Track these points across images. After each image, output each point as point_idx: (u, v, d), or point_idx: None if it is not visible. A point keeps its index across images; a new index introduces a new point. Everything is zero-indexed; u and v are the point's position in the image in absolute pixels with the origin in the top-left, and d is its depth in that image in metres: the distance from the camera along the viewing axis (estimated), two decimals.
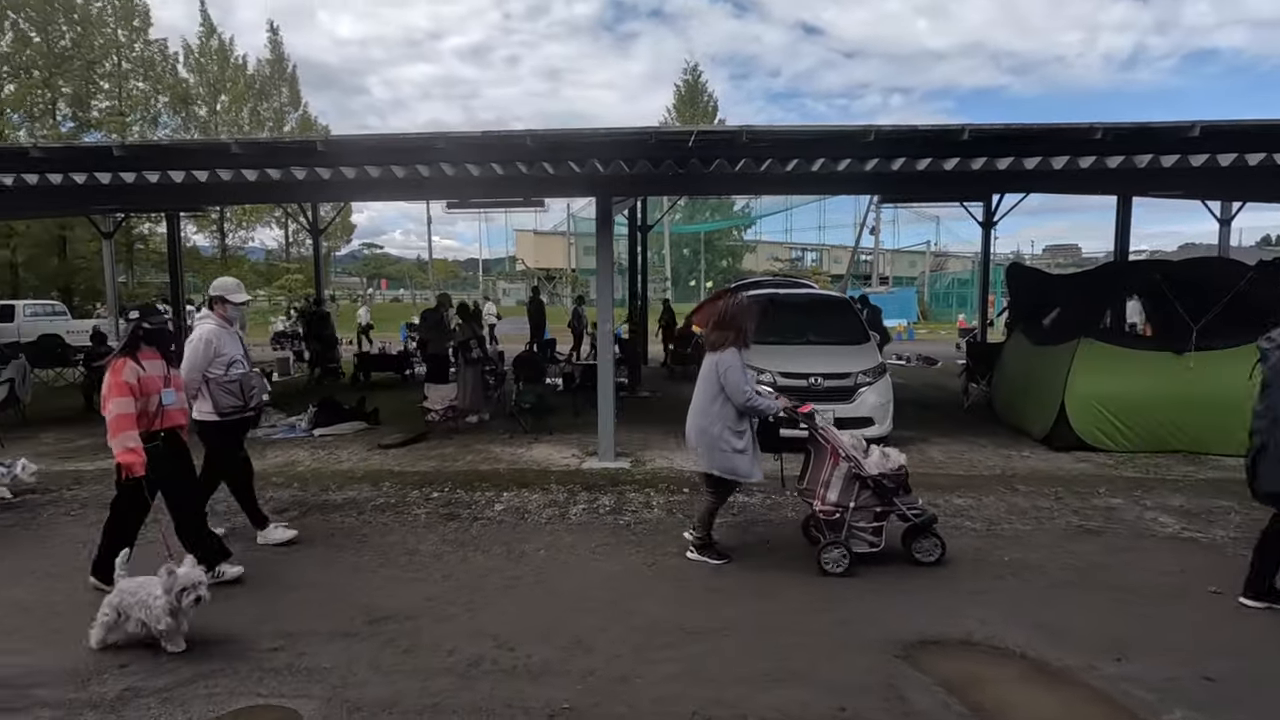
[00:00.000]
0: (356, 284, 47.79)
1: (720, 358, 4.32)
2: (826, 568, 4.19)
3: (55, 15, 26.99)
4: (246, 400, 4.66)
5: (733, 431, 4.31)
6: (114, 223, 15.35)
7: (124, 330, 3.95)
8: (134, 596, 3.35)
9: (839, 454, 4.26)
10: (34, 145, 6.21)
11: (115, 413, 3.72)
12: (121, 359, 3.85)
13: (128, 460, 3.70)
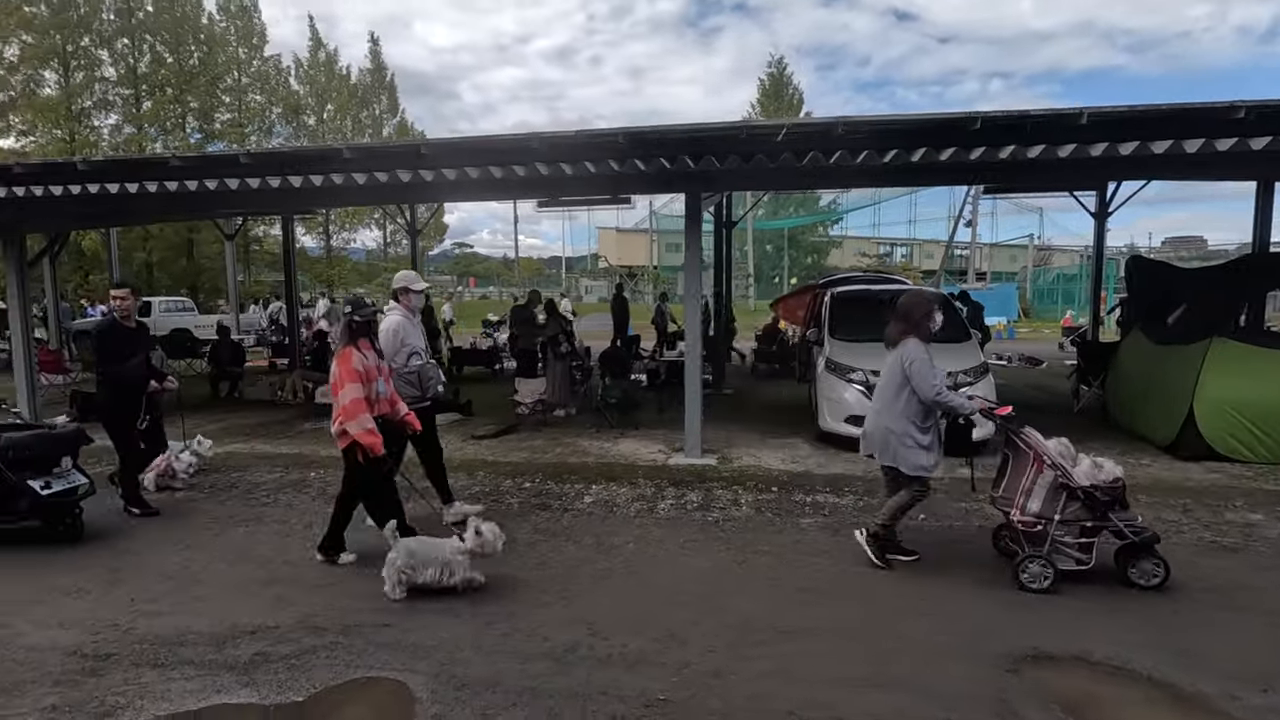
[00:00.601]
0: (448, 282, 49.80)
1: (904, 351, 4.17)
2: (1026, 583, 3.87)
3: (186, 37, 29.52)
4: (424, 391, 4.88)
5: (919, 427, 4.13)
6: (235, 226, 16.70)
7: (338, 324, 4.22)
8: (430, 556, 3.86)
9: (1043, 461, 3.90)
10: (173, 155, 6.82)
11: (351, 397, 4.03)
12: (347, 349, 4.14)
13: (370, 441, 4.03)
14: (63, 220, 9.24)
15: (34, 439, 4.94)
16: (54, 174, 6.84)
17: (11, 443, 4.77)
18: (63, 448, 4.99)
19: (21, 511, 4.75)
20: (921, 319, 4.24)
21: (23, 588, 4.16)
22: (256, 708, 2.94)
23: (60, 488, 4.83)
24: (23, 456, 4.77)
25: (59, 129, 26.66)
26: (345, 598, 3.97)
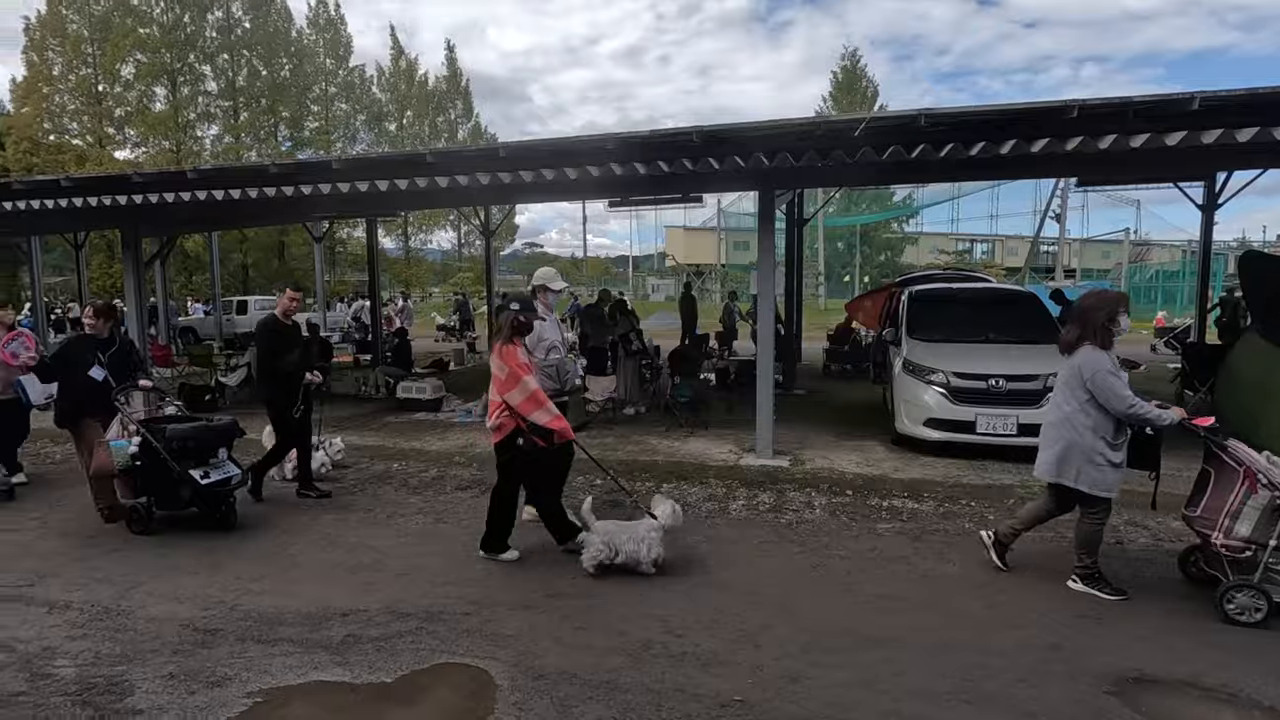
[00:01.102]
0: (518, 281, 50.90)
1: (1082, 361, 3.80)
2: (1232, 614, 3.51)
3: (279, 50, 31.31)
4: (563, 384, 5.03)
5: (1110, 444, 3.77)
6: (322, 229, 17.60)
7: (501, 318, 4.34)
8: (626, 535, 4.13)
9: (1256, 480, 3.47)
10: (271, 163, 7.26)
11: (530, 389, 4.14)
12: (511, 345, 4.23)
13: (561, 426, 4.21)
14: (173, 225, 9.98)
15: (196, 430, 5.15)
16: (167, 182, 7.40)
17: (176, 434, 5.00)
18: (220, 439, 5.25)
19: (184, 500, 5.00)
20: (1103, 323, 3.83)
21: (145, 564, 4.52)
22: (350, 686, 3.10)
23: (217, 477, 5.07)
24: (185, 447, 5.00)
25: (167, 140, 28.78)
26: (428, 585, 4.13)
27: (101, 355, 5.43)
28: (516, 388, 4.14)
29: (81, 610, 3.85)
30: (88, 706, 2.95)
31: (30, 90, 27.73)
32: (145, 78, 28.64)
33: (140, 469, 4.98)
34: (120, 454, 4.96)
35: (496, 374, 4.23)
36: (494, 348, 4.31)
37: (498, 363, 4.22)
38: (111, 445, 5.03)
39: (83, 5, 27.81)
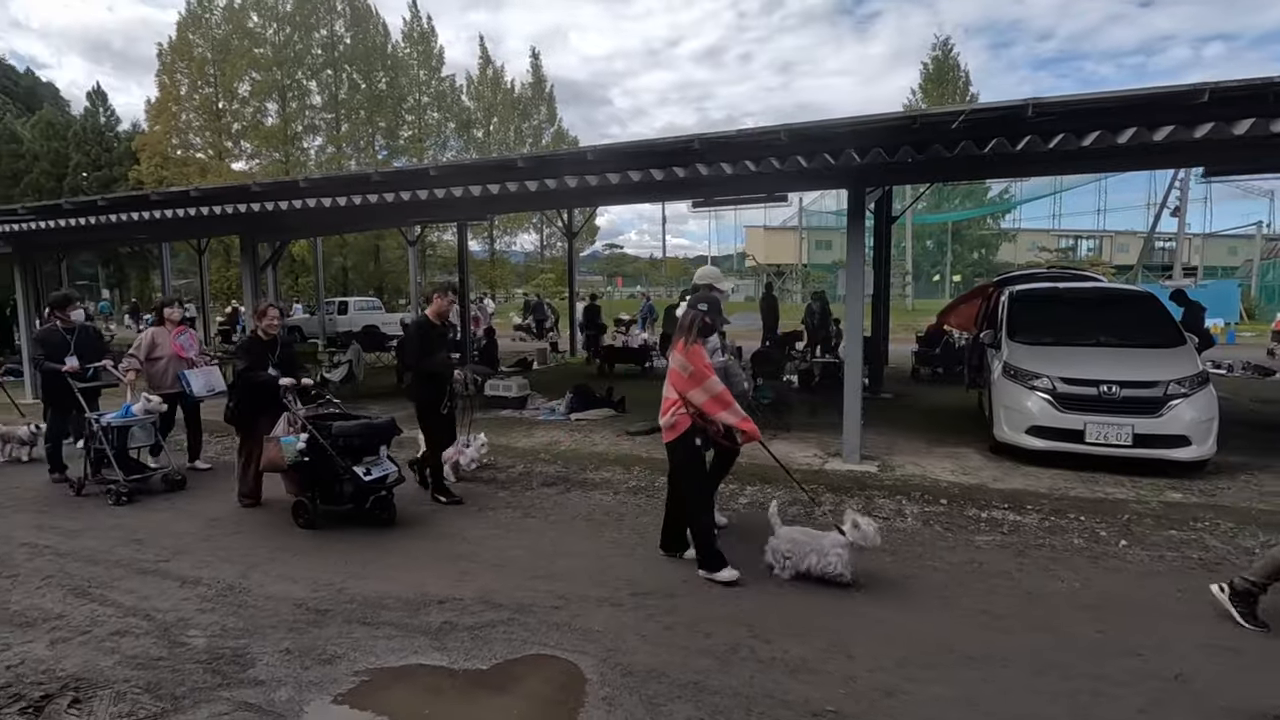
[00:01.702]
0: (598, 282, 51.64)
1: None
2: None
3: (376, 64, 33.03)
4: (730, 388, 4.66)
5: None
6: (415, 233, 18.44)
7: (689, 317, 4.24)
8: (809, 545, 4.05)
9: None
10: (374, 172, 7.67)
11: (716, 389, 4.05)
12: (698, 345, 4.13)
13: (749, 427, 4.12)
14: (284, 231, 10.73)
15: (360, 428, 5.21)
16: (282, 191, 7.96)
17: (342, 431, 5.10)
18: (382, 436, 5.31)
19: (346, 496, 5.08)
20: None
21: (261, 546, 4.87)
22: (448, 671, 3.23)
23: (378, 474, 5.12)
24: (351, 445, 5.08)
25: (277, 152, 30.91)
26: (518, 577, 4.25)
27: (272, 355, 5.66)
28: (700, 387, 4.05)
29: (209, 586, 4.19)
30: (216, 674, 3.21)
31: (162, 110, 30.46)
32: (259, 95, 30.92)
33: (307, 465, 5.09)
34: (290, 450, 5.06)
35: (678, 371, 4.13)
36: (677, 344, 4.18)
37: (681, 360, 4.11)
38: (282, 442, 5.12)
39: (206, 30, 30.30)
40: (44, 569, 4.50)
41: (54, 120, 37.40)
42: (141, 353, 6.61)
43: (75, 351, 6.32)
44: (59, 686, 3.11)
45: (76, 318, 6.62)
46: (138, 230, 10.24)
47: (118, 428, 6.06)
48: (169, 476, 6.31)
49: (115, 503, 5.83)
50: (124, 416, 6.13)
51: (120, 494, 5.88)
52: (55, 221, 9.53)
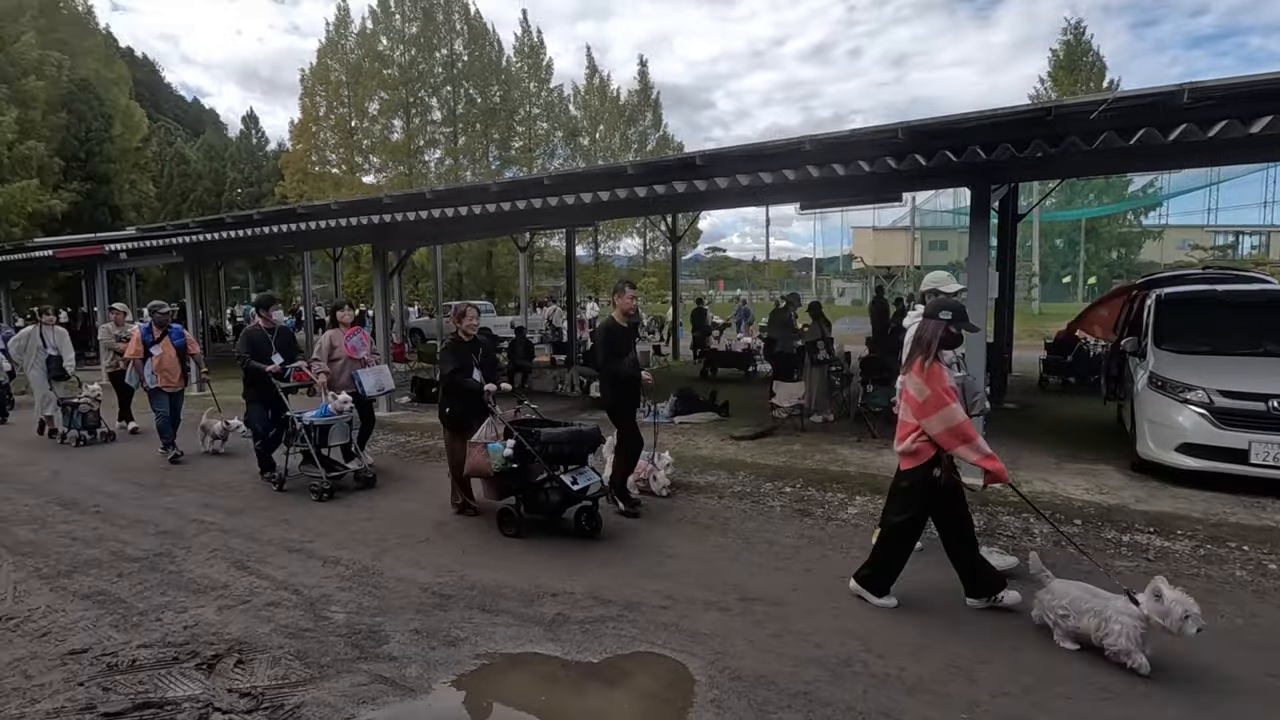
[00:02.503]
0: (700, 285, 51.59)
1: None
2: None
3: (491, 79, 34.68)
4: (969, 408, 4.32)
5: None
6: (525, 240, 19.19)
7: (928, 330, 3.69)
8: (1087, 604, 3.26)
9: None
10: (493, 182, 8.08)
11: (956, 419, 3.52)
12: (937, 363, 3.59)
13: (995, 466, 3.56)
14: (410, 239, 11.49)
15: (569, 436, 5.05)
16: (410, 202, 8.55)
17: (550, 439, 4.95)
18: (589, 444, 5.13)
19: (551, 505, 4.95)
20: None
21: (391, 532, 5.25)
22: (560, 661, 3.36)
23: (584, 483, 4.93)
24: (561, 452, 4.96)
25: (402, 165, 33.09)
26: (626, 575, 4.34)
27: (475, 357, 5.52)
28: (937, 415, 3.51)
29: (346, 567, 4.58)
30: (355, 648, 3.50)
31: (303, 130, 33.42)
32: (386, 112, 33.27)
33: (513, 472, 4.96)
34: (497, 456, 4.93)
35: (913, 395, 3.62)
36: (914, 365, 3.64)
37: (917, 383, 3.58)
38: (489, 448, 4.99)
39: (342, 55, 32.96)
40: (210, 543, 5.08)
41: (214, 143, 41.94)
42: (324, 355, 6.82)
43: (276, 351, 6.61)
44: (226, 648, 3.50)
45: (277, 318, 6.92)
46: (285, 240, 11.32)
47: (320, 426, 6.23)
48: (361, 474, 6.46)
49: (318, 499, 6.03)
50: (323, 416, 6.30)
51: (323, 491, 6.06)
52: (218, 234, 10.71)
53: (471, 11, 35.23)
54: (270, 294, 7.10)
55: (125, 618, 3.86)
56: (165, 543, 5.08)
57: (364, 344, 7.06)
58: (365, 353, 6.96)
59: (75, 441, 8.60)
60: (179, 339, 7.91)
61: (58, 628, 3.76)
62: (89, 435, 8.67)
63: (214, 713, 2.95)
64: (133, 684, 3.19)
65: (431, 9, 33.89)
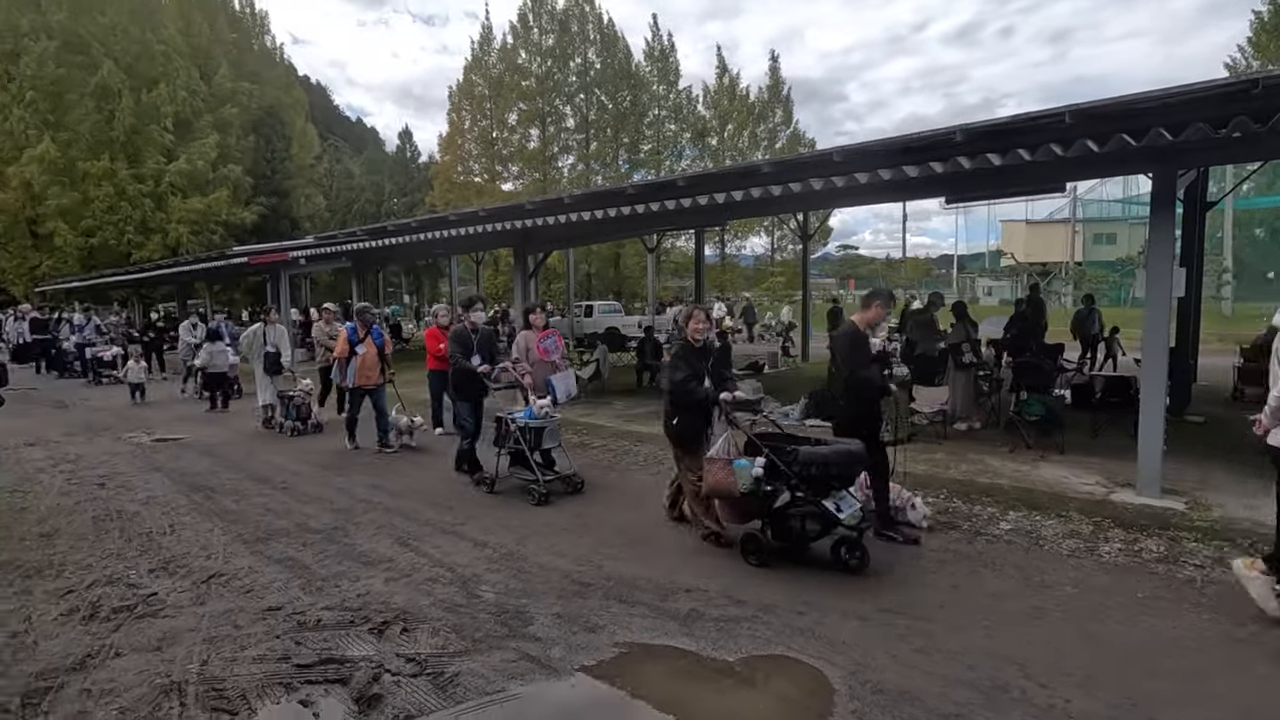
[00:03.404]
0: (830, 285, 49.91)
1: None
2: None
3: (622, 85, 35.49)
4: None
5: None
6: (654, 241, 19.50)
7: None
8: None
9: None
10: (628, 185, 8.29)
11: None
12: None
13: None
14: (547, 243, 12.04)
15: (839, 456, 4.32)
16: (550, 208, 8.97)
17: (813, 459, 4.23)
18: (860, 466, 4.48)
19: (808, 535, 4.34)
20: None
21: (534, 521, 5.55)
22: (696, 656, 3.40)
23: (849, 510, 4.22)
24: (826, 475, 4.25)
25: (537, 172, 34.68)
26: (761, 576, 4.31)
27: (705, 364, 4.92)
28: None
29: (494, 550, 4.89)
30: (504, 626, 3.74)
31: (450, 143, 35.92)
32: (524, 122, 35.01)
33: (764, 495, 4.37)
34: (745, 476, 4.36)
35: None
36: None
37: None
38: (736, 465, 4.43)
39: (485, 71, 35.07)
40: (377, 520, 5.61)
41: (374, 157, 46.20)
42: (524, 356, 6.75)
43: (476, 351, 6.58)
44: (393, 616, 3.86)
45: (477, 319, 6.80)
46: (437, 246, 12.24)
47: (534, 429, 6.06)
48: (571, 479, 6.25)
49: (536, 503, 5.85)
50: (530, 418, 6.18)
51: (540, 494, 5.87)
52: (382, 241, 11.79)
53: (604, 20, 36.24)
54: (473, 294, 6.97)
55: (310, 582, 4.36)
56: (340, 518, 5.68)
57: (557, 347, 6.94)
58: (557, 356, 6.86)
59: (290, 431, 9.25)
60: (379, 339, 8.29)
61: (258, 586, 4.32)
62: (301, 426, 9.29)
63: (384, 673, 3.27)
64: (318, 641, 3.60)
65: (567, 20, 35.24)
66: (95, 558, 4.84)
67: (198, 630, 3.73)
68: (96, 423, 10.60)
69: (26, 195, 29.30)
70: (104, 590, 4.27)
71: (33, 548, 5.06)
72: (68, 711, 3.01)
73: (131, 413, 11.50)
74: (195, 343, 12.85)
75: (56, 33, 29.65)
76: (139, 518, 5.76)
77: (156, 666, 3.35)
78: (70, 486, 6.82)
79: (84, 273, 28.80)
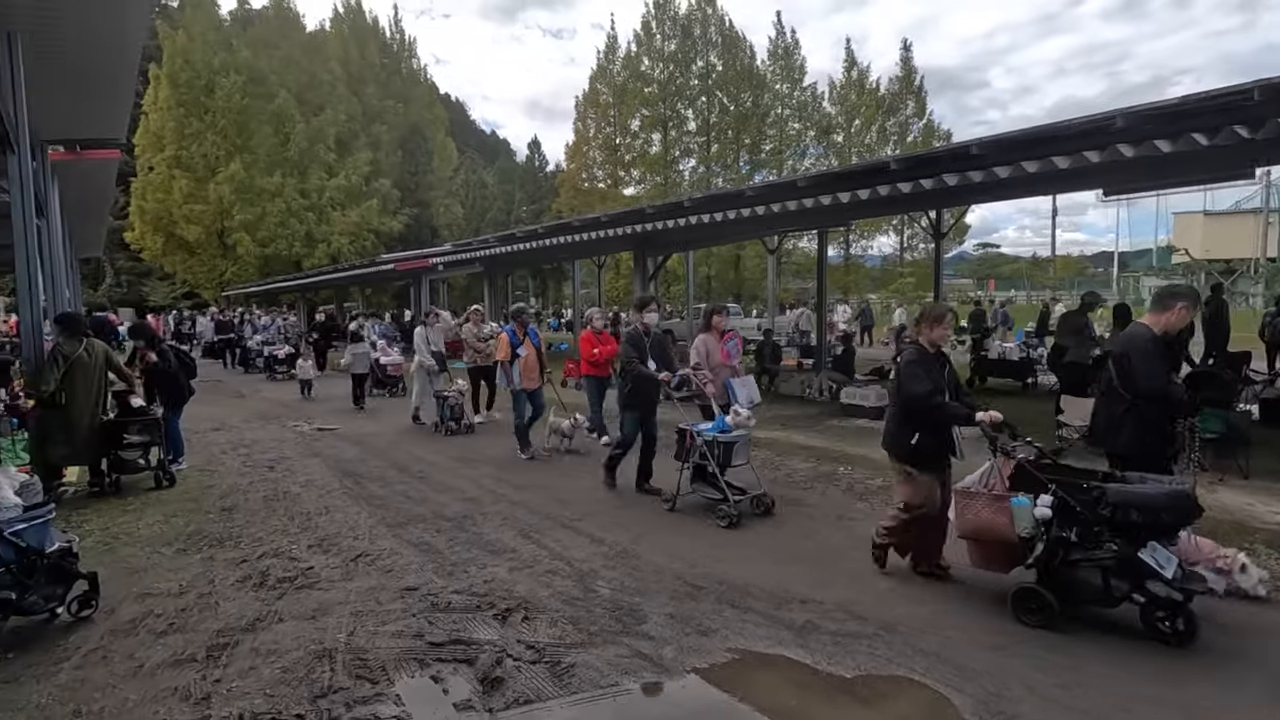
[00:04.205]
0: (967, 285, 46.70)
1: None
2: None
3: (744, 85, 35.18)
4: None
5: None
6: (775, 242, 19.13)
7: None
8: None
9: None
10: (747, 187, 8.21)
11: None
12: None
13: None
14: (669, 246, 12.17)
15: (1169, 499, 3.42)
16: (670, 211, 9.07)
17: (1132, 501, 3.39)
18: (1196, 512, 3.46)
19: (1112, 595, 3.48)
20: None
21: (646, 521, 5.62)
22: (810, 669, 3.31)
23: (1171, 568, 3.38)
24: (1151, 523, 3.38)
25: (659, 176, 35.12)
26: (881, 592, 4.12)
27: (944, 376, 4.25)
28: None
29: (610, 547, 5.01)
30: (618, 622, 3.83)
31: (576, 151, 37.20)
32: (647, 128, 35.60)
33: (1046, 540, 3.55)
34: (1025, 517, 3.57)
35: None
36: None
37: None
38: (1014, 504, 3.62)
39: (610, 79, 36.00)
40: (502, 512, 5.92)
41: (505, 167, 48.85)
42: (704, 361, 6.21)
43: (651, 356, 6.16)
44: (515, 604, 4.06)
45: (650, 320, 6.36)
46: (561, 251, 12.72)
47: (724, 444, 5.44)
48: (761, 499, 5.67)
49: (727, 525, 5.27)
50: (721, 429, 5.57)
51: (731, 516, 5.30)
52: (510, 247, 12.43)
53: (726, 23, 36.10)
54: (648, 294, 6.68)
55: (442, 566, 4.68)
56: (469, 507, 6.05)
57: (738, 350, 6.37)
58: (737, 360, 6.27)
59: (445, 431, 9.32)
60: (536, 340, 8.14)
61: (397, 567, 4.69)
62: (455, 425, 9.34)
63: (507, 658, 3.45)
64: (448, 622, 3.86)
65: (689, 25, 35.44)
66: (265, 532, 5.47)
67: (346, 604, 4.11)
68: (268, 412, 11.96)
69: (218, 210, 33.67)
70: (271, 561, 4.81)
71: (216, 520, 5.80)
72: (241, 667, 3.42)
73: (298, 404, 12.86)
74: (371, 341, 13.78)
75: (242, 68, 33.88)
76: (300, 498, 6.44)
77: (311, 634, 3.73)
78: (245, 468, 7.75)
79: (260, 279, 32.65)
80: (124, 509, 6.12)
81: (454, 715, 3.00)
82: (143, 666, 3.43)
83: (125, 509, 6.12)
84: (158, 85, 33.78)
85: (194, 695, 3.17)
